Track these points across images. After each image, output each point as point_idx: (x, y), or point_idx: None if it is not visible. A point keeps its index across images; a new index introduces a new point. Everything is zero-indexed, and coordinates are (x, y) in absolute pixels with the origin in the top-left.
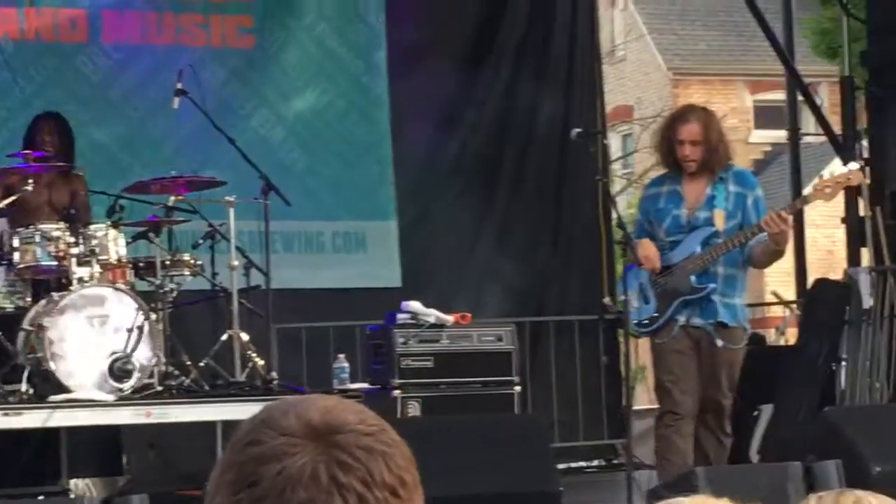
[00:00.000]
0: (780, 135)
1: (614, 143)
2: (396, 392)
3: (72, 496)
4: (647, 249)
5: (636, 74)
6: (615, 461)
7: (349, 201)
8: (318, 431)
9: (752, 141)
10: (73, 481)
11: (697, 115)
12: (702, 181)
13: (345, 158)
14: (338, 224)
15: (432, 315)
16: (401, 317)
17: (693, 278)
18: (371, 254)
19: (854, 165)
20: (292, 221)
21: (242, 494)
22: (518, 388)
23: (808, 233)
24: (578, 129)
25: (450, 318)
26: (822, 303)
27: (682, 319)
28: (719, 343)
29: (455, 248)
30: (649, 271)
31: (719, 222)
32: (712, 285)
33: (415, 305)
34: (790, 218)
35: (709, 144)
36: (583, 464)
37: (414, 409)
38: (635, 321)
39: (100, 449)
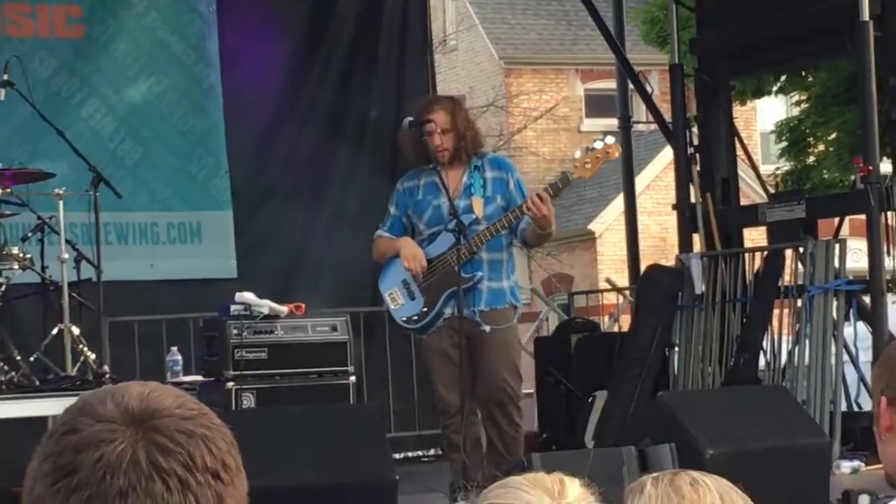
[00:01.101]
0: (612, 123)
1: None
2: (230, 384)
3: None
4: (413, 249)
5: (468, 64)
6: (444, 451)
7: (183, 192)
8: (136, 417)
9: (583, 129)
10: None
11: (443, 104)
12: (457, 170)
13: (178, 149)
14: (172, 215)
15: (266, 306)
16: (234, 308)
17: (458, 269)
18: (206, 244)
19: (610, 139)
20: (126, 213)
21: (61, 484)
22: (353, 379)
23: (641, 220)
24: (410, 118)
25: (284, 309)
26: (654, 288)
27: (448, 312)
28: (486, 328)
29: (290, 239)
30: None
31: (478, 210)
32: (479, 273)
33: (248, 296)
34: (549, 200)
35: (457, 132)
36: (419, 453)
37: (248, 401)
38: (403, 318)
39: None
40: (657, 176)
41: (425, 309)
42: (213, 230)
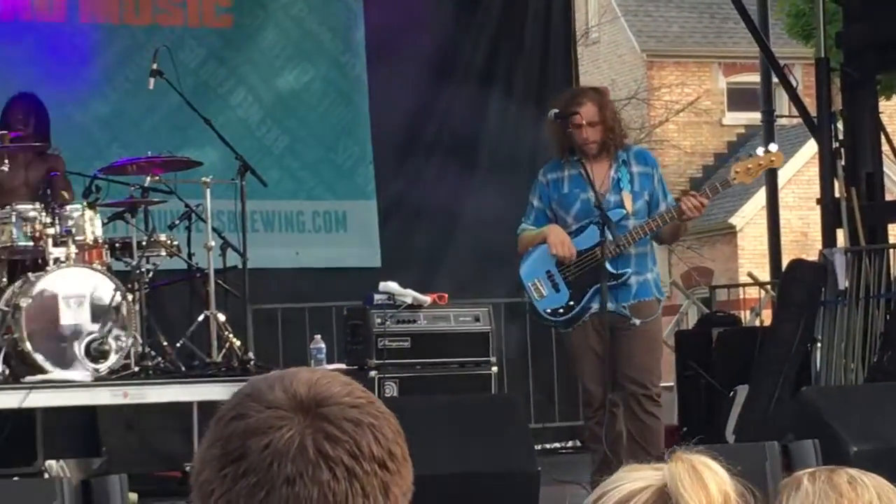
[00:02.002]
0: (754, 116)
1: None
2: (373, 373)
3: (47, 477)
4: (563, 236)
5: (610, 56)
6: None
7: (329, 181)
8: (304, 404)
9: (725, 123)
10: (48, 462)
11: (591, 96)
12: (603, 163)
13: (324, 138)
14: (318, 203)
15: (409, 295)
16: (378, 297)
17: (608, 265)
18: (351, 233)
19: (774, 147)
20: (273, 201)
21: (229, 469)
22: (495, 369)
23: (782, 214)
24: (556, 111)
25: (427, 299)
26: (797, 284)
27: (594, 307)
28: (636, 322)
29: (434, 229)
30: (556, 258)
31: (628, 205)
32: (629, 270)
33: (392, 286)
34: (708, 202)
35: (605, 124)
36: (557, 445)
37: (391, 390)
38: (547, 310)
39: (76, 430)
40: (799, 170)
41: (571, 302)
42: (359, 219)
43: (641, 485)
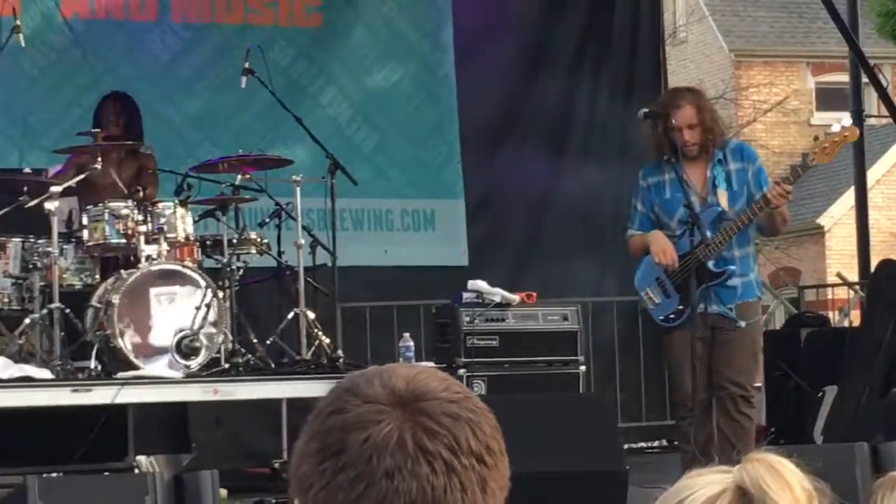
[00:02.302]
0: (843, 116)
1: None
2: (462, 371)
3: (137, 473)
4: (664, 243)
5: (698, 56)
6: (677, 442)
7: (418, 180)
8: (403, 399)
9: (813, 123)
10: (138, 458)
11: (689, 98)
12: (700, 164)
13: (413, 137)
14: (406, 202)
15: (498, 294)
16: (466, 296)
17: (710, 264)
18: (439, 232)
19: (847, 121)
20: (362, 199)
21: (328, 463)
22: (583, 368)
23: (871, 214)
24: (645, 110)
25: (515, 298)
26: (887, 284)
27: (700, 307)
28: (742, 324)
29: (521, 228)
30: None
31: (724, 203)
32: (731, 267)
33: (480, 284)
34: (792, 187)
35: (704, 126)
36: (643, 444)
37: (479, 388)
38: (661, 317)
39: (166, 426)
40: (889, 170)
41: (681, 306)
42: (446, 218)
43: (717, 489)
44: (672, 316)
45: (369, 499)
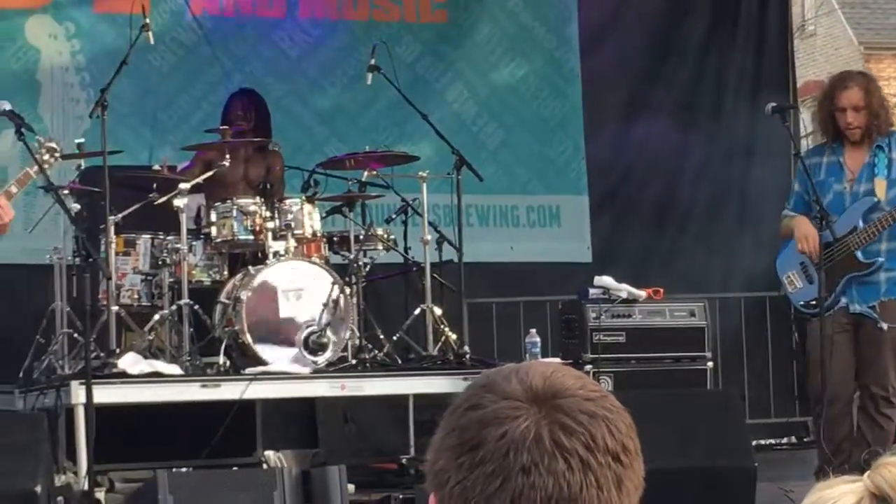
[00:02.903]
0: None
1: (804, 118)
2: (588, 367)
3: (265, 468)
4: (807, 229)
5: (827, 49)
6: (806, 439)
7: (543, 176)
8: (540, 395)
9: None
10: (266, 453)
11: (858, 80)
12: (862, 150)
13: (538, 133)
14: (532, 198)
15: (624, 290)
16: (593, 292)
17: (859, 254)
18: (564, 228)
19: None
20: (488, 195)
21: (464, 458)
22: (710, 364)
23: None
24: (773, 104)
25: (642, 293)
26: None
27: (844, 300)
28: (884, 326)
29: (645, 225)
30: (806, 253)
31: (880, 192)
32: (880, 259)
33: (607, 280)
34: None
35: (870, 110)
36: (772, 441)
37: (606, 384)
38: (801, 303)
39: (293, 421)
40: None
41: (823, 295)
42: (571, 214)
43: (853, 499)
44: (813, 303)
45: (505, 493)
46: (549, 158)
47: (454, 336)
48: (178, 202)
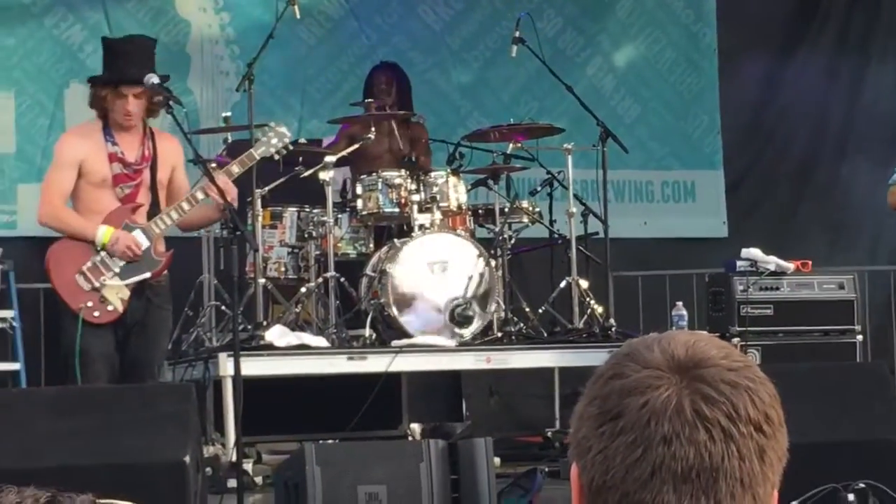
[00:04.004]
0: None
1: None
2: (736, 340)
3: (411, 439)
4: None
5: None
6: None
7: (678, 151)
8: (682, 365)
9: None
10: (412, 426)
11: None
12: None
13: (674, 108)
14: (667, 174)
15: (772, 262)
16: (740, 264)
17: None
18: (699, 203)
19: None
20: (624, 170)
21: (606, 427)
22: (860, 338)
23: None
24: None
25: (790, 266)
26: None
27: None
28: None
29: (781, 199)
30: None
31: None
32: None
33: (755, 252)
34: None
35: None
36: None
37: (754, 357)
38: None
39: (438, 394)
40: None
41: None
42: (706, 189)
43: None
44: None
45: (646, 463)
46: (684, 133)
47: (600, 309)
48: (324, 175)
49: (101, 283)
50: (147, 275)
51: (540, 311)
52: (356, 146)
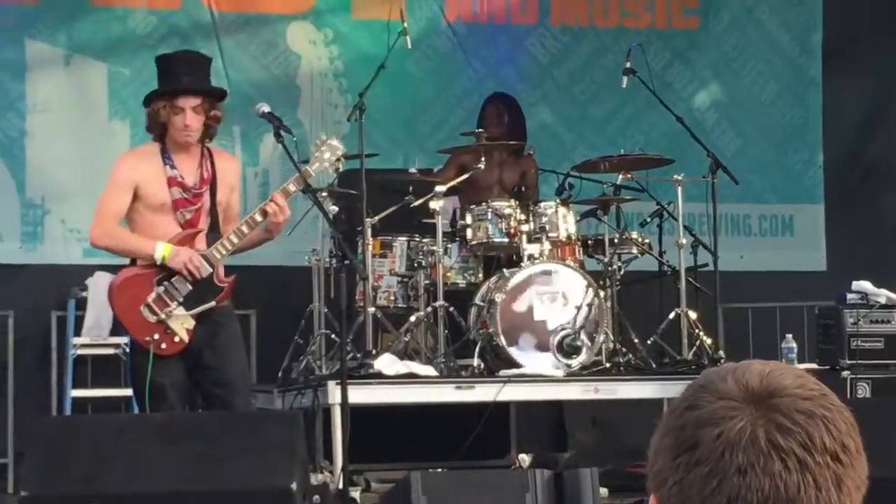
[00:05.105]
0: None
1: None
2: (846, 373)
3: (517, 469)
4: None
5: None
6: None
7: (778, 184)
8: (756, 395)
9: None
10: (521, 455)
11: None
12: None
13: (775, 141)
14: (765, 207)
15: (883, 295)
16: (850, 297)
17: None
18: (798, 237)
19: None
20: (721, 204)
21: (681, 458)
22: None
23: None
24: None
25: None
26: None
27: None
28: None
29: (882, 234)
30: None
31: None
32: None
33: (865, 285)
34: None
35: None
36: None
37: (864, 391)
38: None
39: (543, 424)
40: None
41: None
42: (805, 223)
43: None
44: None
45: (722, 495)
46: (784, 167)
47: (709, 340)
48: (434, 205)
49: (167, 314)
50: (212, 303)
51: (648, 342)
52: (466, 176)
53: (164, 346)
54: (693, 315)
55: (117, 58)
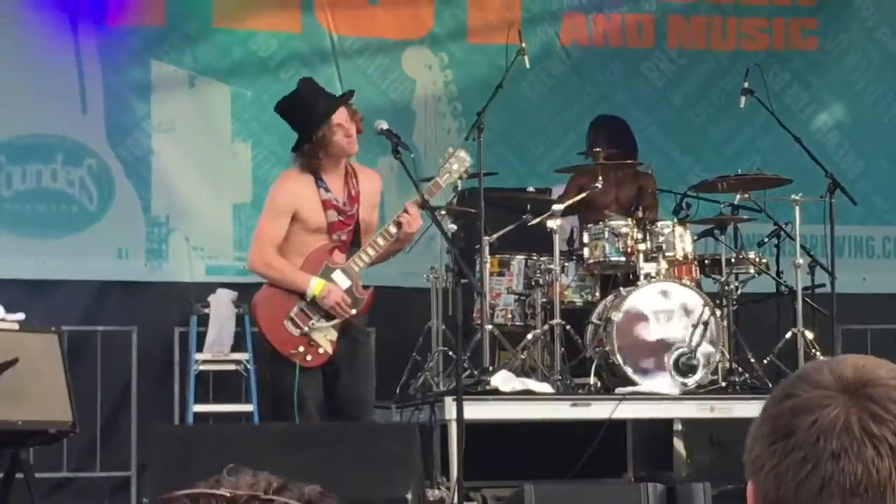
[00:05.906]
0: None
1: None
2: None
3: (631, 483)
4: None
5: None
6: None
7: None
8: (850, 385)
9: None
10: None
11: None
12: None
13: None
14: (889, 229)
15: None
16: None
17: None
18: None
19: None
20: (843, 226)
21: (777, 445)
22: None
23: None
24: None
25: None
26: None
27: None
28: None
29: None
30: None
31: None
32: None
33: None
34: None
35: None
36: None
37: None
38: None
39: (657, 442)
40: None
41: None
42: None
43: None
44: None
45: (815, 479)
46: None
47: None
48: (552, 223)
49: (310, 326)
50: (352, 312)
51: (765, 361)
52: (583, 195)
53: (309, 357)
54: (810, 335)
55: (240, 79)
